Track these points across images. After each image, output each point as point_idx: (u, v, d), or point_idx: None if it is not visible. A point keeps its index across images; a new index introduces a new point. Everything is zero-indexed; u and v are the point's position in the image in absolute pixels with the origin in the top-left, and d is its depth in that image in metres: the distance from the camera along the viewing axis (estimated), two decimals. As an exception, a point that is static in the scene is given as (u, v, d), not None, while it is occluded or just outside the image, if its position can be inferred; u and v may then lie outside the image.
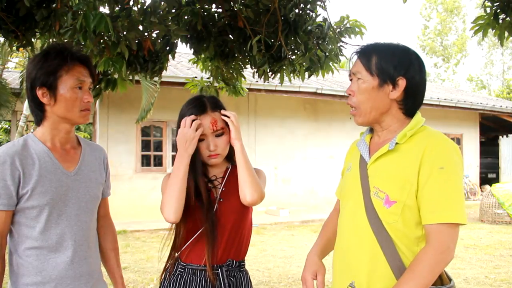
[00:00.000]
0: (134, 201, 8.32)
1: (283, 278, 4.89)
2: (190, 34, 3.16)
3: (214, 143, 1.58)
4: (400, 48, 1.42)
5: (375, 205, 1.34)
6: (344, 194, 1.53)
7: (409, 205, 1.30)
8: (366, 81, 1.39)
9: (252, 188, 1.54)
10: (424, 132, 1.38)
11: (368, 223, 1.35)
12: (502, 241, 7.03)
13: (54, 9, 2.61)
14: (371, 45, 1.44)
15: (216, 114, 1.60)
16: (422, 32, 31.29)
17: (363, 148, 1.47)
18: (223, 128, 1.60)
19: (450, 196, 1.26)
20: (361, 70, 1.40)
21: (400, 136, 1.36)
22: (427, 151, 1.30)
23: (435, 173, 1.27)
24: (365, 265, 1.35)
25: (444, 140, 1.34)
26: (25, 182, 1.43)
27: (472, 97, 15.34)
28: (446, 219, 1.24)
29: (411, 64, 1.38)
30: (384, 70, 1.37)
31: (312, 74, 3.48)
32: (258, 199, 1.55)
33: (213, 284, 1.55)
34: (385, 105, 1.39)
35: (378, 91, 1.38)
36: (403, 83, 1.36)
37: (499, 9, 2.69)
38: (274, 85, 8.88)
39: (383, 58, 1.38)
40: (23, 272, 1.47)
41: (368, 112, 1.40)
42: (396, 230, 1.31)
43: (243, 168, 1.56)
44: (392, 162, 1.36)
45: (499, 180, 13.33)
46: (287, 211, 9.55)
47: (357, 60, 1.43)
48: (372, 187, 1.37)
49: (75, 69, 1.50)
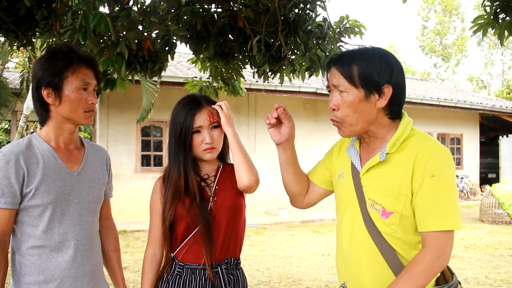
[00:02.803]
0: (134, 201, 8.31)
1: (283, 278, 4.89)
2: (189, 34, 3.16)
3: (210, 135, 1.59)
4: (378, 53, 1.34)
5: (372, 217, 1.34)
6: (339, 200, 1.51)
7: (406, 215, 1.30)
8: (351, 93, 1.31)
9: (248, 171, 1.55)
10: (413, 138, 1.34)
11: (368, 233, 1.34)
12: (502, 241, 7.03)
13: (54, 8, 2.61)
14: (349, 54, 1.37)
15: (211, 108, 1.63)
16: (421, 32, 31.32)
17: (354, 155, 1.43)
18: (218, 121, 1.62)
19: (443, 203, 1.26)
20: (343, 82, 1.31)
21: (389, 145, 1.32)
22: (418, 159, 1.28)
23: (426, 181, 1.26)
24: (369, 274, 1.35)
25: (434, 145, 1.32)
26: (29, 181, 1.44)
27: (472, 97, 15.34)
28: (440, 227, 1.25)
29: (393, 69, 1.31)
30: (368, 79, 1.29)
31: (312, 74, 3.47)
32: (254, 182, 1.56)
33: (213, 282, 1.55)
34: (372, 115, 1.33)
35: (365, 103, 1.31)
36: (389, 91, 1.30)
37: (499, 8, 2.70)
38: (274, 85, 8.88)
39: (365, 66, 1.30)
40: (25, 271, 1.47)
41: (354, 124, 1.34)
42: (395, 238, 1.31)
43: (237, 152, 1.58)
44: (384, 173, 1.33)
45: (499, 180, 13.33)
46: (287, 211, 9.55)
47: (336, 72, 1.33)
48: (368, 199, 1.35)
49: (80, 71, 1.51)
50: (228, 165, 1.71)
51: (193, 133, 1.59)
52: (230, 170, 1.68)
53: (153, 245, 1.65)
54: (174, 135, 1.61)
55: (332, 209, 1.72)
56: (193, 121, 1.58)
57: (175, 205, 1.58)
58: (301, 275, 5.00)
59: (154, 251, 1.64)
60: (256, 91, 9.24)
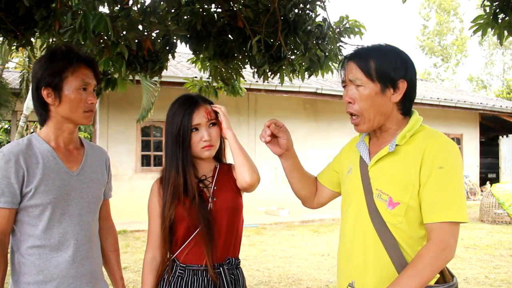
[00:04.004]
0: (134, 201, 8.31)
1: (283, 278, 4.90)
2: (189, 34, 3.16)
3: (208, 132, 1.60)
4: (394, 50, 1.41)
5: (378, 207, 1.35)
6: (345, 196, 1.53)
7: (413, 206, 1.31)
8: (368, 87, 1.36)
9: (250, 169, 1.58)
10: (423, 132, 1.38)
11: (372, 225, 1.35)
12: (502, 241, 7.03)
13: (54, 8, 2.61)
14: (365, 49, 1.42)
15: (207, 106, 1.64)
16: (421, 32, 31.31)
17: (363, 149, 1.47)
18: (215, 118, 1.64)
19: (450, 195, 1.28)
20: (360, 76, 1.36)
21: (399, 137, 1.36)
22: (427, 152, 1.31)
23: (434, 173, 1.28)
24: (371, 266, 1.35)
25: (443, 139, 1.35)
26: (29, 181, 1.44)
27: (472, 97, 15.34)
28: (446, 218, 1.26)
29: (408, 65, 1.38)
30: (385, 74, 1.35)
31: (312, 74, 3.48)
32: (256, 181, 1.59)
33: (215, 283, 1.55)
34: (388, 109, 1.38)
35: (381, 97, 1.36)
36: (404, 86, 1.36)
37: (498, 8, 2.70)
38: (274, 85, 8.88)
39: (381, 61, 1.35)
40: (24, 271, 1.47)
41: (372, 119, 1.38)
42: (400, 231, 1.32)
43: (238, 152, 1.60)
44: (393, 164, 1.36)
45: (499, 180, 13.33)
46: (287, 211, 9.55)
47: (354, 66, 1.38)
48: (375, 189, 1.37)
49: (80, 71, 1.52)
50: (225, 165, 1.71)
51: (191, 131, 1.59)
52: (227, 170, 1.68)
53: (153, 249, 1.64)
54: (171, 135, 1.61)
55: (332, 209, 1.73)
56: (191, 119, 1.59)
57: (175, 205, 1.57)
58: (301, 275, 5.00)
59: (154, 255, 1.64)
60: (256, 91, 9.23)
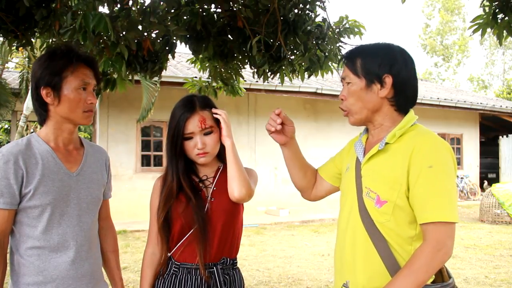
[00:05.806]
0: (134, 201, 8.32)
1: (283, 278, 4.90)
2: (189, 34, 3.16)
3: (202, 141, 1.59)
4: (383, 47, 1.45)
5: (366, 205, 1.37)
6: (342, 194, 1.55)
7: (400, 205, 1.31)
8: (354, 83, 1.43)
9: (240, 184, 1.55)
10: (413, 131, 1.39)
11: (362, 223, 1.37)
12: (502, 241, 7.03)
13: (54, 9, 2.61)
14: (355, 49, 1.49)
15: (205, 112, 1.61)
16: (423, 30, 31.29)
17: (359, 148, 1.50)
18: (212, 126, 1.61)
19: (439, 194, 1.27)
20: (349, 74, 1.44)
21: (389, 136, 1.38)
22: (416, 151, 1.31)
23: (424, 172, 1.28)
24: (360, 264, 1.36)
25: (433, 138, 1.35)
26: (28, 182, 1.44)
27: (472, 97, 15.34)
28: (436, 218, 1.25)
29: (395, 60, 1.40)
30: (369, 70, 1.40)
31: (312, 74, 3.48)
32: (246, 196, 1.56)
33: (208, 282, 1.56)
34: (376, 104, 1.42)
35: (367, 92, 1.41)
36: (390, 80, 1.39)
37: (498, 8, 2.70)
38: (274, 85, 8.88)
39: (367, 59, 1.42)
40: (24, 272, 1.47)
41: (359, 112, 1.44)
42: (388, 229, 1.33)
43: (233, 164, 1.58)
44: (382, 162, 1.38)
45: (499, 180, 13.32)
46: (287, 211, 9.55)
47: (345, 65, 1.47)
48: (364, 187, 1.39)
49: (80, 71, 1.51)
50: None
51: (184, 139, 1.59)
52: None
53: (153, 244, 1.66)
54: (168, 138, 1.63)
55: (332, 209, 1.74)
56: (184, 127, 1.58)
57: (169, 206, 1.59)
58: (301, 275, 5.00)
59: (154, 250, 1.65)
60: (256, 91, 9.22)
